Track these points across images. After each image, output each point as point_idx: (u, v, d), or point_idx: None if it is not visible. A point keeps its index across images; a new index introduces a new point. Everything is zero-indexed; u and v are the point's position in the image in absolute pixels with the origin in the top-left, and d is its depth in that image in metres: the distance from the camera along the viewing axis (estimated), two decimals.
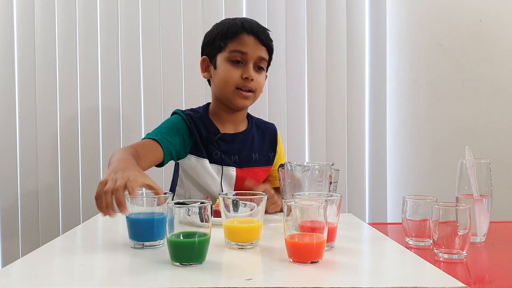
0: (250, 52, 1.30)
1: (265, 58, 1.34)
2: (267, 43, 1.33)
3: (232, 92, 1.31)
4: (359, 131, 1.96)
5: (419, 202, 1.00)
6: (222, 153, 1.33)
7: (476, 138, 1.99)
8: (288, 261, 0.80)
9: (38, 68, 1.89)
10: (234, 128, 1.39)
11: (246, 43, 1.31)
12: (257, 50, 1.31)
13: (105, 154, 1.91)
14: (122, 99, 1.91)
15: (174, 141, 1.29)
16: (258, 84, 1.32)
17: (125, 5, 1.89)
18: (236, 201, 0.90)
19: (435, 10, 1.98)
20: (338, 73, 1.93)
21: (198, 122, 1.34)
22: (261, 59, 1.32)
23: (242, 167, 1.36)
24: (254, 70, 1.31)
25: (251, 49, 1.30)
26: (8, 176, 1.91)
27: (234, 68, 1.30)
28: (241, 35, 1.31)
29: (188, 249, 0.77)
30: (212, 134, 1.34)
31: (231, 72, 1.30)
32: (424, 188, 1.99)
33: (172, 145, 1.29)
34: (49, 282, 0.71)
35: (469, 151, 1.06)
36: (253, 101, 1.36)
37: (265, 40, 1.33)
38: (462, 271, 0.85)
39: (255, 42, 1.31)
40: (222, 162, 1.33)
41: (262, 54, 1.32)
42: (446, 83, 1.99)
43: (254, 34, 1.31)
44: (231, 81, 1.30)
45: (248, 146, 1.38)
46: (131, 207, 0.90)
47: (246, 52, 1.30)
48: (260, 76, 1.33)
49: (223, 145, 1.35)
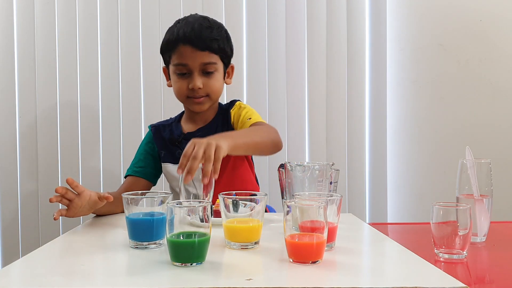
0: (191, 62, 1.30)
1: (210, 62, 1.31)
2: (206, 46, 1.30)
3: (185, 101, 1.36)
4: (359, 131, 1.96)
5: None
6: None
7: (476, 138, 1.99)
8: (288, 261, 0.80)
9: (38, 68, 1.89)
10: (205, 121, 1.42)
11: (184, 55, 1.30)
12: (197, 58, 1.29)
13: (105, 154, 1.91)
14: (122, 99, 1.91)
15: (147, 163, 1.41)
16: (209, 88, 1.32)
17: (125, 5, 1.89)
18: (236, 201, 0.90)
19: (435, 10, 1.98)
20: (338, 73, 1.93)
21: (163, 129, 1.43)
22: (205, 64, 1.30)
23: None
24: (201, 76, 1.31)
25: (190, 59, 1.29)
26: (8, 176, 1.91)
27: (181, 80, 1.33)
28: (178, 47, 1.30)
29: (188, 249, 0.77)
30: (176, 136, 1.39)
31: (179, 85, 1.33)
32: (424, 188, 1.99)
33: (148, 167, 1.40)
34: (49, 282, 0.71)
35: (469, 151, 1.06)
36: (212, 102, 1.37)
37: (203, 44, 1.29)
38: (463, 271, 0.85)
39: (193, 51, 1.29)
40: None
41: (205, 59, 1.30)
42: (446, 83, 1.99)
43: (189, 43, 1.29)
44: (180, 93, 1.34)
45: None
46: (131, 207, 0.90)
47: (187, 64, 1.30)
48: (210, 80, 1.32)
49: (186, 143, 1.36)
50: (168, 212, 0.79)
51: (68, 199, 1.11)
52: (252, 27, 1.91)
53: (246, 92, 1.92)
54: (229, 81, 1.44)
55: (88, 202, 1.12)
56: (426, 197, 1.97)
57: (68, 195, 1.10)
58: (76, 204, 1.11)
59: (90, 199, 1.12)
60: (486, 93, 1.99)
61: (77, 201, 1.10)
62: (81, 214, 1.15)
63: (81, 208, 1.12)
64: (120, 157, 1.90)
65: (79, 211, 1.13)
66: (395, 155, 2.00)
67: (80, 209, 1.12)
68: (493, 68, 1.99)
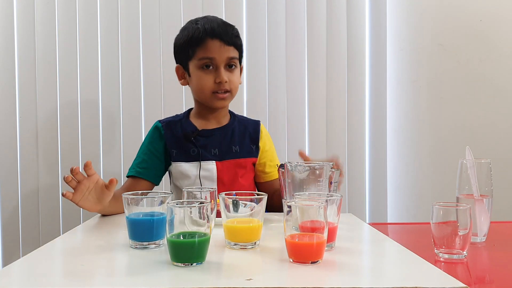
0: (218, 56, 1.33)
1: (234, 57, 1.36)
2: (233, 42, 1.35)
3: (209, 97, 1.37)
4: (359, 131, 1.96)
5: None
6: (201, 148, 1.38)
7: (476, 138, 1.99)
8: (288, 261, 0.80)
9: (38, 68, 1.89)
10: (217, 124, 1.44)
11: (212, 49, 1.33)
12: (224, 52, 1.34)
13: (105, 153, 1.91)
14: (122, 99, 1.91)
15: (151, 164, 1.39)
16: (232, 83, 1.36)
17: (125, 5, 1.89)
18: (236, 201, 0.90)
19: (435, 10, 1.98)
20: (338, 73, 1.93)
21: (175, 125, 1.42)
22: (230, 59, 1.35)
23: (222, 159, 1.39)
24: (226, 71, 1.35)
25: (218, 53, 1.33)
26: (8, 176, 1.91)
27: (206, 74, 1.35)
28: (205, 41, 1.33)
29: (188, 249, 0.77)
30: (190, 131, 1.40)
31: (204, 79, 1.35)
32: (424, 188, 1.99)
33: (152, 168, 1.39)
34: (49, 282, 0.71)
35: (469, 151, 1.06)
36: (231, 99, 1.40)
37: (230, 40, 1.34)
38: (463, 271, 0.85)
39: (221, 45, 1.33)
40: (200, 158, 1.37)
41: (231, 54, 1.35)
42: (446, 83, 1.99)
43: (218, 37, 1.33)
44: (206, 87, 1.35)
45: (228, 139, 1.42)
46: (131, 207, 0.90)
47: (214, 57, 1.33)
48: (233, 75, 1.37)
49: (202, 140, 1.39)
50: (168, 212, 0.79)
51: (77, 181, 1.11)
52: (252, 27, 1.92)
53: (246, 92, 1.92)
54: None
55: (95, 188, 1.12)
56: (426, 197, 1.97)
57: (79, 176, 1.11)
58: (84, 185, 1.11)
59: (97, 183, 1.13)
60: (486, 93, 1.99)
61: (85, 182, 1.11)
62: (86, 204, 1.13)
63: (88, 192, 1.12)
64: (120, 157, 1.90)
65: (85, 198, 1.12)
66: (395, 155, 2.00)
67: (87, 195, 1.12)
68: (493, 68, 1.99)
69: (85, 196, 1.12)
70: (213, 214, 1.01)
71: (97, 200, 1.14)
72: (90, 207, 1.15)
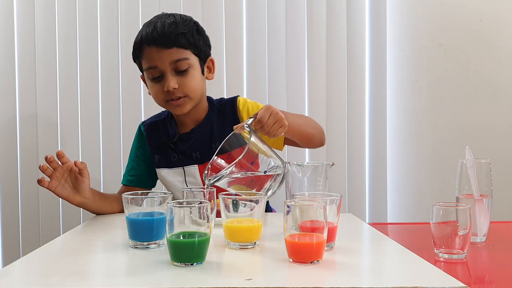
0: (159, 63, 1.21)
1: (181, 58, 1.22)
2: (175, 43, 1.21)
3: (165, 106, 1.30)
4: (359, 131, 1.96)
5: None
6: (182, 154, 1.32)
7: (476, 138, 1.99)
8: (288, 261, 0.80)
9: (38, 68, 1.89)
10: (195, 121, 1.35)
11: (151, 57, 1.22)
12: (165, 58, 1.21)
13: (106, 154, 1.91)
14: (123, 99, 1.91)
15: (140, 171, 1.38)
16: (185, 88, 1.23)
17: (125, 5, 1.89)
18: (236, 201, 0.90)
19: (435, 10, 1.98)
20: (338, 73, 1.93)
21: (157, 127, 1.38)
22: (175, 62, 1.22)
23: (204, 162, 1.31)
24: (175, 76, 1.22)
25: (158, 60, 1.21)
26: (8, 176, 1.91)
27: (155, 84, 1.25)
28: (144, 50, 1.24)
29: (188, 249, 0.77)
30: (171, 137, 1.34)
31: (154, 89, 1.26)
32: (424, 188, 1.99)
33: (143, 175, 1.38)
34: (49, 282, 0.71)
35: (469, 151, 1.06)
36: (194, 101, 1.28)
37: (169, 42, 1.21)
38: (462, 271, 0.85)
39: (158, 51, 1.21)
40: (181, 164, 1.32)
41: (173, 57, 1.21)
42: (446, 83, 1.99)
43: (153, 43, 1.21)
44: (157, 98, 1.28)
45: (207, 138, 1.33)
46: (131, 207, 0.91)
47: (156, 65, 1.22)
48: (185, 78, 1.23)
49: (182, 145, 1.33)
50: (168, 212, 0.79)
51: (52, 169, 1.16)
52: (252, 27, 1.91)
53: (246, 92, 1.92)
54: (211, 76, 1.34)
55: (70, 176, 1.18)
56: (426, 197, 1.97)
57: (53, 164, 1.15)
58: (59, 172, 1.16)
59: (71, 171, 1.18)
60: (486, 93, 1.99)
61: (59, 170, 1.16)
62: (64, 192, 1.17)
63: (64, 179, 1.17)
64: (120, 157, 1.90)
65: (62, 186, 1.17)
66: (395, 155, 2.00)
67: (63, 182, 1.17)
68: (493, 68, 1.99)
69: (61, 183, 1.17)
70: (213, 214, 1.01)
71: (74, 189, 1.18)
72: (68, 196, 1.18)
